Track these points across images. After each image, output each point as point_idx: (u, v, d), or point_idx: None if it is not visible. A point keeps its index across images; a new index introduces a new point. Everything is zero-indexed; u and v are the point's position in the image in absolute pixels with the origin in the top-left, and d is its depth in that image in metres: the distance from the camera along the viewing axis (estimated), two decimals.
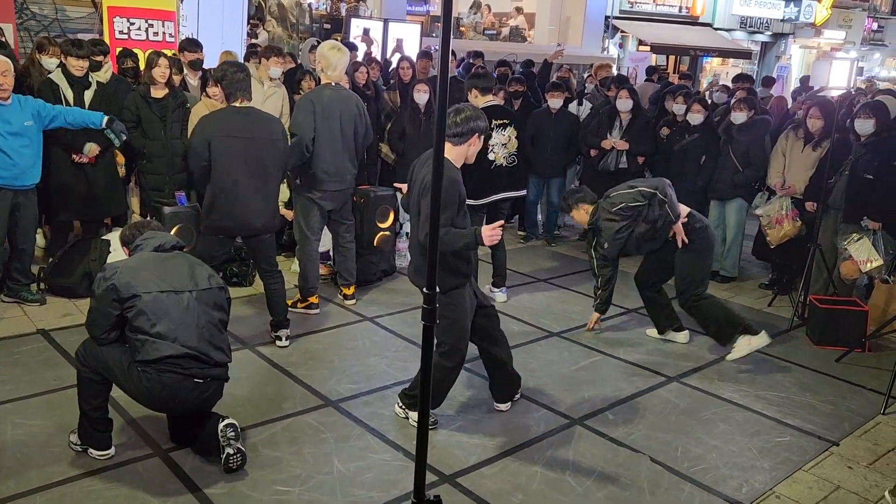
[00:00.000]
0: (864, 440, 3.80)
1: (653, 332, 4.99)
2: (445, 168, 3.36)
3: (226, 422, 3.15)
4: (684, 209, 4.58)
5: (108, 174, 5.46)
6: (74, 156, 5.18)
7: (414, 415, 3.67)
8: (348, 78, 5.65)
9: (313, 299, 5.02)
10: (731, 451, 3.62)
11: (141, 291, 2.97)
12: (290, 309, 4.70)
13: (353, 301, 5.31)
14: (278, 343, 4.49)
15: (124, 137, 4.80)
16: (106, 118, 4.68)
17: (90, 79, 5.32)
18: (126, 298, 2.97)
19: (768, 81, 10.81)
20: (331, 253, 5.65)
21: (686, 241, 4.55)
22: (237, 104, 4.21)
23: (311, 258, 4.98)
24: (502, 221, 3.57)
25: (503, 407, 3.88)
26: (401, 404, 3.75)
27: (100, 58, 5.79)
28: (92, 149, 5.20)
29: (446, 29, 1.55)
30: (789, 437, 3.78)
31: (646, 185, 4.50)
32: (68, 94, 5.15)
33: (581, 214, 4.78)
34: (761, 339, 4.51)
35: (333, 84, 4.83)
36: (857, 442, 3.78)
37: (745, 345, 4.52)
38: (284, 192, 6.21)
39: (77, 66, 5.16)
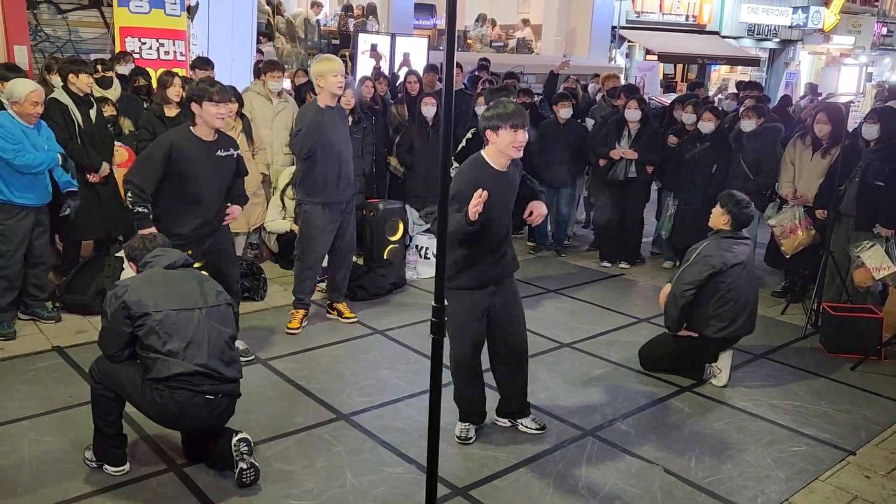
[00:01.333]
0: (882, 449, 3.76)
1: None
2: (477, 165, 3.37)
3: (239, 436, 3.17)
4: None
5: (115, 192, 5.49)
6: (89, 176, 5.24)
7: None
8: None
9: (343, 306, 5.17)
10: (745, 461, 3.59)
11: (152, 310, 2.99)
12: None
13: (351, 321, 5.21)
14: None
15: (71, 182, 4.83)
16: (60, 157, 4.70)
17: (91, 98, 5.36)
18: (137, 316, 2.99)
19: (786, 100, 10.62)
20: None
21: None
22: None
23: (308, 272, 5.02)
24: (485, 193, 3.25)
25: (501, 421, 3.84)
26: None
27: (110, 74, 5.88)
28: (105, 168, 5.26)
29: (451, 40, 1.57)
30: (805, 446, 3.75)
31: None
32: (76, 113, 5.17)
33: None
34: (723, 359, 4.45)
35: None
36: (874, 451, 3.74)
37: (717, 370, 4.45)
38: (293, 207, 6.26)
39: (85, 82, 5.17)
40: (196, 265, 3.54)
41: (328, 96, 4.64)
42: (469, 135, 5.88)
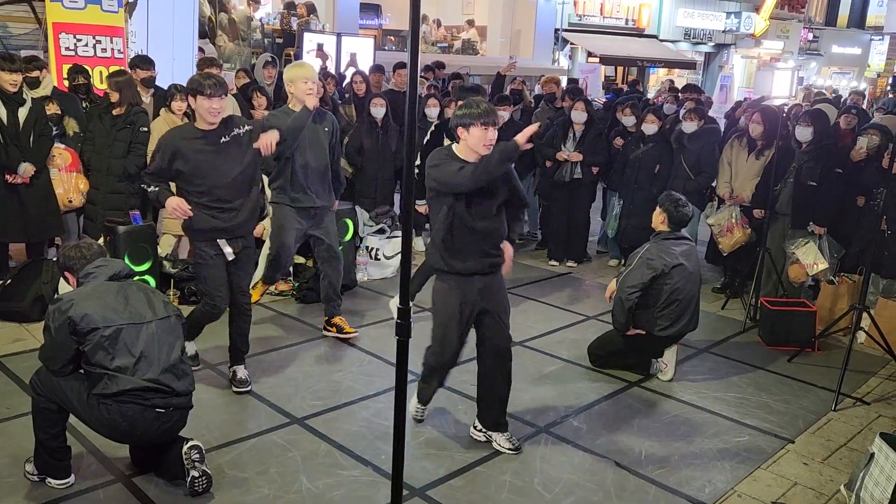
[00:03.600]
0: (818, 437, 3.94)
1: None
2: (451, 156, 3.39)
3: (190, 444, 3.10)
4: None
5: (43, 195, 5.26)
6: (8, 176, 5.02)
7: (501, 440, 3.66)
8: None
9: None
10: (692, 452, 3.71)
11: (101, 324, 2.88)
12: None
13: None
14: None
15: None
16: None
17: (25, 96, 5.15)
18: (85, 332, 2.87)
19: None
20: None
21: None
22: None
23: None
24: (536, 126, 3.42)
25: (477, 434, 3.74)
26: (479, 428, 3.72)
27: (36, 73, 5.65)
28: (27, 169, 5.04)
29: (414, 40, 1.58)
30: (747, 436, 3.90)
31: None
32: (1, 112, 4.98)
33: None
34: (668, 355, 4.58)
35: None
36: (812, 439, 3.91)
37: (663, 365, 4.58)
38: None
39: (10, 80, 4.95)
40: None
41: (297, 102, 4.58)
42: (428, 136, 5.88)
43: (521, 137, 3.13)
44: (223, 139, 3.91)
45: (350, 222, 6.02)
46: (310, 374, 4.40)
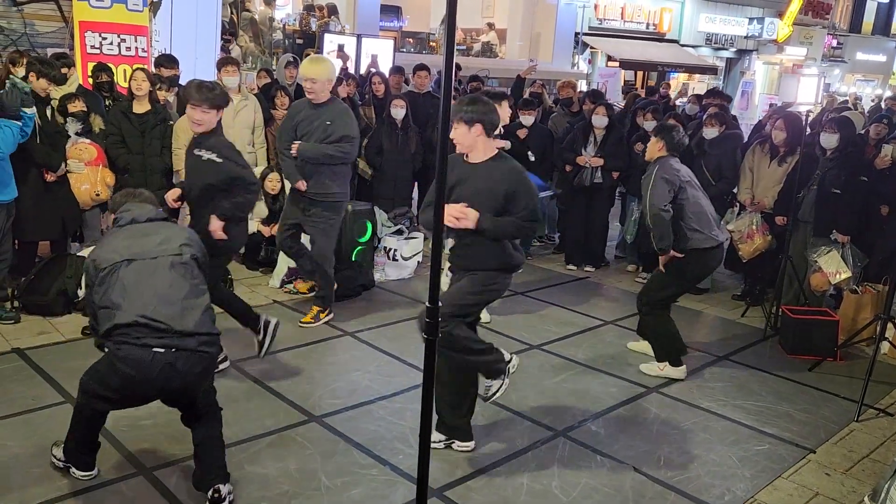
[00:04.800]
0: (840, 447, 3.90)
1: (635, 344, 5.00)
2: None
3: (217, 489, 2.99)
4: None
5: (67, 190, 5.34)
6: (48, 175, 5.09)
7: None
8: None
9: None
10: (712, 459, 3.68)
11: (105, 264, 2.88)
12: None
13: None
14: (260, 338, 4.27)
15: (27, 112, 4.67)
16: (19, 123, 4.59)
17: (51, 97, 5.23)
18: (95, 277, 2.90)
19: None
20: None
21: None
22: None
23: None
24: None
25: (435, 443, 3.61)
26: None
27: (63, 70, 5.73)
28: (62, 168, 5.10)
29: (450, 44, 1.59)
30: (768, 445, 3.86)
31: None
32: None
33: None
34: (675, 372, 4.60)
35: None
36: (833, 449, 3.87)
37: (658, 370, 4.61)
38: (262, 209, 6.20)
39: (42, 87, 5.09)
40: None
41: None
42: None
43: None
44: (196, 150, 4.06)
45: (369, 223, 6.05)
46: (328, 372, 4.42)
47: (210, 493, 2.95)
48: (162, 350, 2.77)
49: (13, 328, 4.70)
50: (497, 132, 3.52)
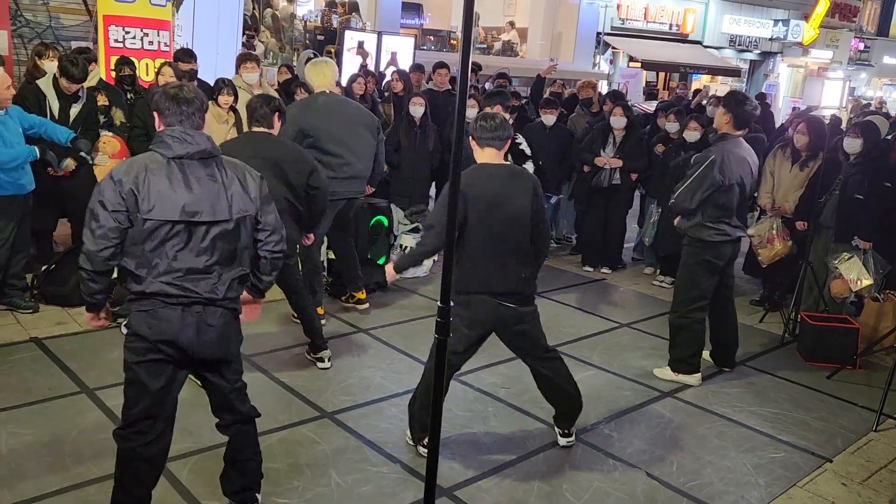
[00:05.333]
0: (857, 457, 3.83)
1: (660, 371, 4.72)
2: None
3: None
4: None
5: (85, 183, 5.36)
6: (50, 170, 5.14)
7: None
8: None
9: (320, 310, 5.06)
10: (726, 466, 3.64)
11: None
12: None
13: (367, 305, 5.36)
14: (320, 365, 4.39)
15: (86, 158, 4.92)
16: (71, 136, 4.68)
17: (80, 94, 5.24)
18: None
19: (760, 97, 10.95)
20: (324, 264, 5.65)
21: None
22: (255, 129, 4.11)
23: (317, 268, 4.99)
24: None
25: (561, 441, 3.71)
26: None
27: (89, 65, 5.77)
28: (69, 164, 5.13)
29: (466, 42, 1.57)
30: (783, 452, 3.81)
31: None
32: (54, 105, 5.08)
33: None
34: (690, 378, 4.55)
35: (327, 91, 4.93)
36: (851, 458, 3.81)
37: (672, 376, 4.57)
38: None
39: (68, 87, 5.09)
40: None
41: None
42: None
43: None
44: None
45: (385, 220, 6.05)
46: (340, 369, 4.43)
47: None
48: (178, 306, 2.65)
49: (32, 318, 4.76)
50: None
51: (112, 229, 2.49)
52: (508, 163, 3.50)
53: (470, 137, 3.47)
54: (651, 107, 11.27)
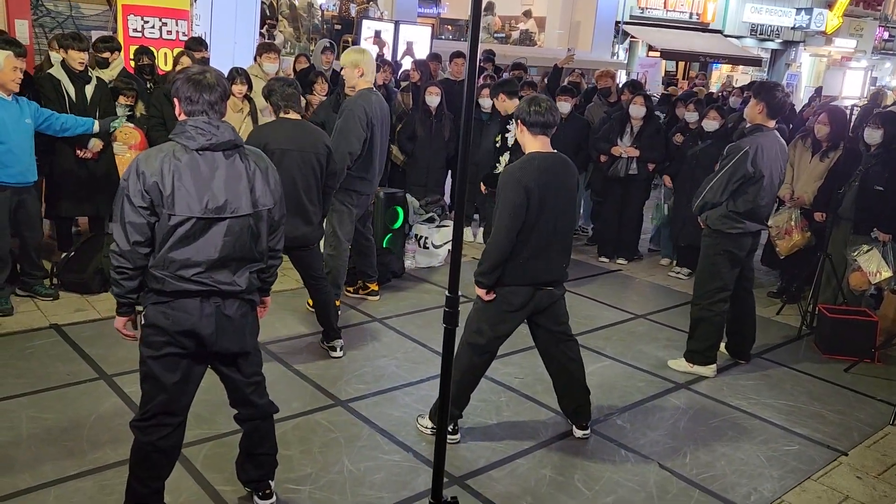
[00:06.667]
0: (874, 451, 3.80)
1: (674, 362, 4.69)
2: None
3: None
4: None
5: (107, 171, 5.42)
6: (79, 151, 5.19)
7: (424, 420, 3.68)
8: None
9: (337, 302, 5.08)
10: (739, 458, 3.62)
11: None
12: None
13: (378, 297, 5.38)
14: (332, 354, 4.42)
15: (118, 124, 4.92)
16: (97, 122, 4.70)
17: (90, 74, 5.32)
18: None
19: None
20: None
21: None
22: (287, 116, 4.18)
23: (344, 265, 4.96)
24: None
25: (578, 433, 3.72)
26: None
27: (106, 54, 5.82)
28: (96, 144, 5.21)
29: (475, 32, 1.57)
30: (798, 445, 3.79)
31: None
32: (69, 88, 5.15)
33: None
34: (705, 370, 4.53)
35: (373, 88, 4.87)
36: (867, 452, 3.78)
37: (687, 366, 4.55)
38: None
39: (77, 59, 5.15)
40: None
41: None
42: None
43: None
44: None
45: (401, 210, 6.06)
46: (355, 357, 4.45)
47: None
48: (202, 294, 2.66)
49: (52, 304, 4.83)
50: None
51: (140, 225, 2.48)
52: (556, 151, 3.44)
53: (519, 123, 3.41)
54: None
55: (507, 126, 5.53)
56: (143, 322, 2.66)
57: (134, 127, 5.47)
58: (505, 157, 5.52)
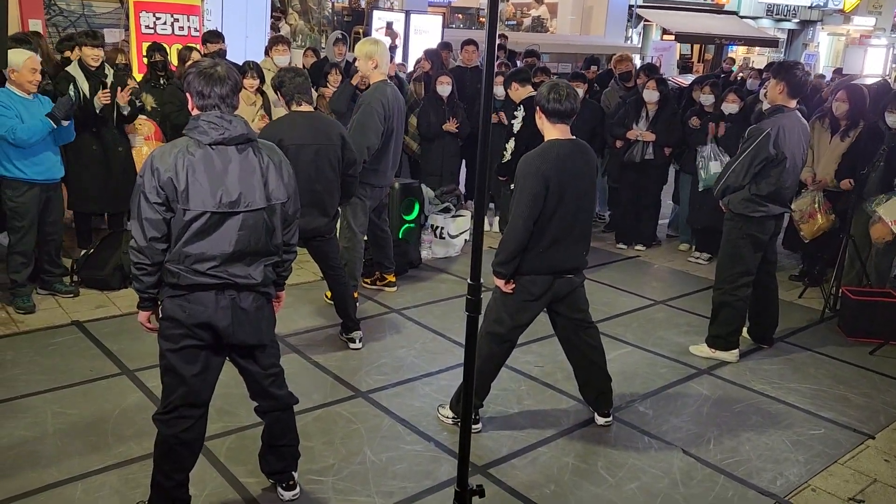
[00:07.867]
0: None
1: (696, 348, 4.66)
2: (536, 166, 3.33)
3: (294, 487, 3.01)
4: None
5: (125, 168, 5.47)
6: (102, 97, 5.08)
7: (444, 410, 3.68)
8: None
9: (355, 294, 5.08)
10: (764, 443, 3.59)
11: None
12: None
13: (395, 288, 5.37)
14: (351, 346, 4.43)
15: (67, 111, 4.59)
16: (49, 116, 4.49)
17: (106, 71, 5.34)
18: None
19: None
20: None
21: None
22: (300, 109, 4.15)
23: (360, 257, 4.95)
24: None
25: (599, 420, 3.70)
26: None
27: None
28: (100, 96, 5.07)
29: (492, 21, 1.54)
30: (823, 429, 3.74)
31: None
32: (84, 86, 5.17)
33: None
34: (727, 355, 4.49)
35: (387, 80, 4.84)
36: (894, 435, 3.72)
37: (709, 352, 4.51)
38: None
39: (92, 55, 5.17)
40: None
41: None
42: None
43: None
44: None
45: (416, 200, 6.04)
46: (374, 349, 4.45)
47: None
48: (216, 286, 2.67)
49: (73, 301, 4.88)
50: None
51: (156, 221, 2.49)
52: (575, 138, 3.40)
53: (538, 110, 3.36)
54: (686, 80, 11.02)
55: (515, 112, 5.49)
56: (160, 315, 2.68)
57: (147, 118, 5.50)
58: (510, 144, 5.49)
